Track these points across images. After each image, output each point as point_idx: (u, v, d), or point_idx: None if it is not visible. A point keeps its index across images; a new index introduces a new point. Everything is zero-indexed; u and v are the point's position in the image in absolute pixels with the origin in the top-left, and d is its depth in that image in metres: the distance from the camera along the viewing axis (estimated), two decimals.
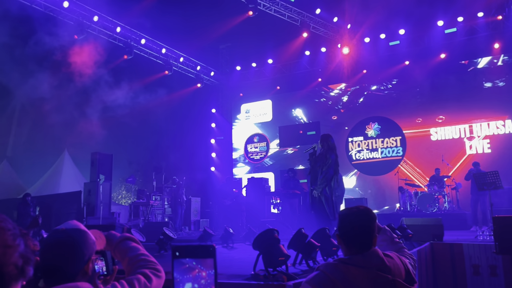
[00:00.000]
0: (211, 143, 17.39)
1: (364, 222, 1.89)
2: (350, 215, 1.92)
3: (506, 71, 12.67)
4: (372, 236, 1.89)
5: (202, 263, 1.08)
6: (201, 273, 1.07)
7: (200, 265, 1.08)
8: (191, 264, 1.08)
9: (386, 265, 1.80)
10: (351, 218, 1.91)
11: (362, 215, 1.91)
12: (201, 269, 1.07)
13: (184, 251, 1.10)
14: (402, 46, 13.83)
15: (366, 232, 1.87)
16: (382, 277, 1.75)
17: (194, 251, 1.09)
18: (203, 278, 1.07)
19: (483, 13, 12.60)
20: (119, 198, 18.20)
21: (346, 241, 1.89)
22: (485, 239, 6.63)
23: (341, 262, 1.81)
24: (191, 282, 1.06)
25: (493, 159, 12.00)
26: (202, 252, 1.09)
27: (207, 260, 1.08)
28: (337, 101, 15.38)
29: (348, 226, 1.89)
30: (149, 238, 6.85)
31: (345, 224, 1.91)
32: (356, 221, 1.89)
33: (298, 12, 13.75)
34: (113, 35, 13.51)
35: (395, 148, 13.94)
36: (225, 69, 17.36)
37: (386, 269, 1.79)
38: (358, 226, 1.88)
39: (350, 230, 1.88)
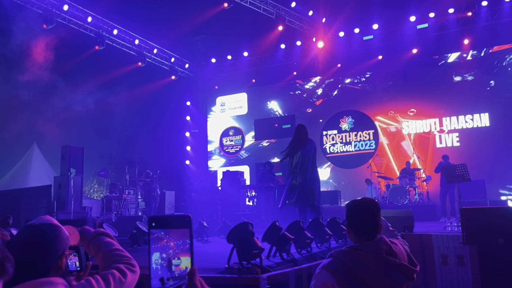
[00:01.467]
0: (185, 136, 17.23)
1: (371, 212, 2.07)
2: (359, 206, 2.10)
3: (474, 66, 13.05)
4: (378, 225, 2.07)
5: (172, 233, 1.10)
6: (169, 243, 1.09)
7: (168, 235, 1.09)
8: (160, 234, 1.10)
9: (393, 250, 1.98)
10: (360, 209, 2.09)
11: (369, 206, 2.09)
12: (169, 239, 1.09)
13: (160, 221, 1.12)
14: (376, 41, 14.03)
15: (373, 221, 2.05)
16: (390, 261, 1.94)
17: (169, 222, 1.11)
18: (171, 248, 1.09)
19: (453, 9, 12.90)
20: (91, 192, 17.84)
21: (355, 229, 2.06)
22: (453, 230, 6.83)
23: (353, 248, 1.98)
24: (159, 252, 1.08)
25: (461, 152, 12.36)
26: (177, 222, 1.11)
27: (179, 230, 1.10)
28: (311, 94, 15.50)
29: (357, 216, 2.07)
30: (122, 232, 6.75)
31: (354, 215, 2.08)
32: (364, 212, 2.07)
33: (273, 5, 13.73)
34: (84, 25, 13.14)
35: (368, 142, 14.18)
36: (200, 61, 17.19)
37: (393, 254, 1.98)
38: (366, 216, 2.06)
39: (359, 220, 2.06)
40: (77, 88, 13.45)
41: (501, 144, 11.43)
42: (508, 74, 12.57)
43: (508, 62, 12.65)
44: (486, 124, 12.65)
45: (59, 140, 13.06)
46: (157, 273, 1.08)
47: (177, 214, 1.13)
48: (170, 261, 1.08)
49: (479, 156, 11.99)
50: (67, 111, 13.12)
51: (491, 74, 12.77)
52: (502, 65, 12.70)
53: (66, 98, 12.63)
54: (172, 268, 1.08)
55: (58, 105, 12.64)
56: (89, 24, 13.18)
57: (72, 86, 13.20)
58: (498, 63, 12.76)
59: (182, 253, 1.09)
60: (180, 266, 1.08)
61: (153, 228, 1.11)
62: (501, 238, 4.92)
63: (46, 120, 13.30)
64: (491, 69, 12.79)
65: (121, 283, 1.51)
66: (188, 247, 1.09)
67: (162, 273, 1.08)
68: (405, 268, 1.96)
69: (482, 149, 12.26)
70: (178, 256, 1.09)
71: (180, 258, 1.09)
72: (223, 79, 16.81)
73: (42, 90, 12.70)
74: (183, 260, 1.09)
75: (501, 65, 12.71)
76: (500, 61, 12.74)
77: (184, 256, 1.09)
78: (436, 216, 10.19)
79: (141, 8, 12.58)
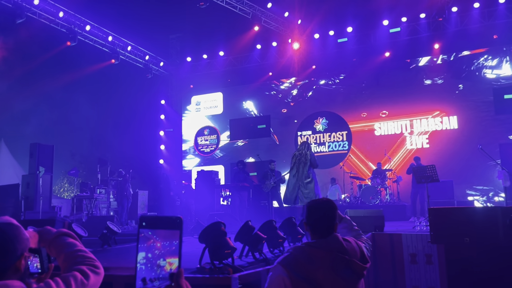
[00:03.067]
0: (159, 135, 17.04)
1: (327, 211, 2.22)
2: (316, 206, 2.25)
3: (444, 70, 13.44)
4: (333, 224, 2.21)
5: (161, 233, 1.09)
6: (155, 244, 1.08)
7: (156, 236, 1.09)
8: (147, 234, 1.09)
9: (344, 247, 2.11)
10: (317, 208, 2.23)
11: (325, 205, 2.25)
12: (156, 239, 1.09)
13: (150, 221, 1.11)
14: (350, 43, 14.25)
15: (328, 220, 2.20)
16: (340, 257, 2.07)
17: (160, 222, 1.11)
18: (157, 248, 1.08)
19: (425, 14, 13.24)
20: (61, 191, 17.41)
21: (312, 227, 2.21)
22: (422, 229, 7.01)
23: (307, 245, 2.12)
24: (145, 252, 1.08)
25: (431, 153, 12.70)
26: (168, 223, 1.10)
27: (169, 232, 1.09)
28: (287, 94, 15.61)
29: (314, 215, 2.21)
30: (93, 232, 6.60)
31: (311, 213, 2.23)
32: (320, 211, 2.21)
33: (249, 5, 13.74)
34: (56, 19, 12.79)
35: (341, 142, 14.38)
36: (175, 60, 17.02)
37: (344, 250, 2.10)
38: (322, 215, 2.20)
39: (316, 218, 2.20)
40: (48, 85, 13.11)
41: (469, 146, 11.81)
42: (476, 79, 13.00)
43: (476, 67, 13.08)
44: (454, 126, 13.03)
45: (28, 138, 12.69)
46: (141, 273, 1.07)
47: (168, 216, 1.13)
48: (155, 262, 1.08)
49: (447, 157, 12.35)
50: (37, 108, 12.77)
51: (460, 78, 13.18)
52: (470, 69, 13.13)
53: (36, 94, 12.29)
54: (156, 269, 1.07)
55: (27, 101, 12.27)
56: (61, 19, 12.85)
57: (43, 82, 12.86)
58: (466, 68, 13.18)
59: (168, 254, 1.08)
60: (165, 267, 1.08)
61: (142, 228, 1.10)
62: (467, 237, 5.06)
63: (15, 117, 12.90)
64: (460, 73, 13.21)
65: (83, 285, 1.47)
66: (174, 248, 1.08)
67: (145, 273, 1.07)
68: (355, 264, 2.08)
69: (450, 151, 12.63)
70: (164, 258, 1.08)
71: (165, 259, 1.08)
72: (199, 78, 16.72)
73: (11, 86, 12.32)
74: (168, 262, 1.08)
75: (469, 70, 13.13)
76: (468, 66, 13.17)
77: (170, 257, 1.08)
78: (406, 216, 10.44)
79: (115, 5, 12.34)
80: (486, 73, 12.93)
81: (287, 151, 15.03)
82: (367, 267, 2.14)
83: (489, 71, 12.91)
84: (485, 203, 12.15)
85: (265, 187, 10.26)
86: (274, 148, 15.23)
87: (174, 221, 1.10)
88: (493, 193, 12.16)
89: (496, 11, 12.61)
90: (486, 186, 12.23)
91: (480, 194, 12.32)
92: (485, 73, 12.95)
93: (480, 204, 12.17)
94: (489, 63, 12.94)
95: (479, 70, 13.01)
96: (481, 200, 12.26)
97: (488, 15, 12.78)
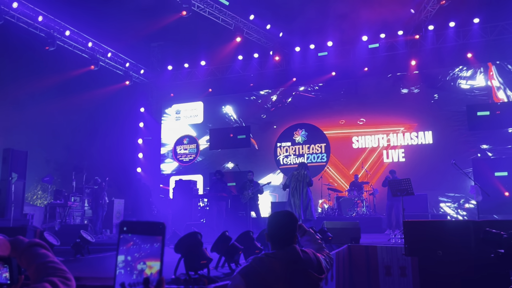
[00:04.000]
0: (138, 143, 16.84)
1: (287, 224, 2.29)
2: (276, 218, 2.33)
3: (420, 80, 13.78)
4: (292, 235, 2.28)
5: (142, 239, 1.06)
6: (135, 246, 1.05)
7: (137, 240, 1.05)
8: (127, 236, 1.06)
9: (301, 258, 2.19)
10: (277, 220, 2.31)
11: (285, 218, 2.31)
12: (136, 242, 1.05)
13: (131, 226, 1.08)
14: (330, 57, 14.49)
15: (287, 232, 2.27)
16: (297, 268, 2.15)
17: (141, 228, 1.07)
18: (137, 251, 1.05)
19: (402, 31, 13.60)
20: (34, 198, 16.95)
21: (271, 238, 2.28)
22: (396, 242, 7.12)
23: (266, 255, 2.20)
24: (124, 255, 1.05)
25: (406, 167, 12.96)
26: (150, 229, 1.06)
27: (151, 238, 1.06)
28: (266, 100, 15.73)
29: (274, 227, 2.28)
30: (65, 241, 6.45)
31: (272, 225, 2.30)
32: (280, 223, 2.29)
33: (232, 17, 13.84)
34: (34, 24, 12.59)
35: (320, 155, 14.53)
36: (156, 67, 16.93)
37: (300, 261, 2.18)
38: (281, 226, 2.27)
39: (275, 230, 2.28)
40: (25, 90, 12.84)
41: (443, 161, 12.10)
42: (451, 89, 13.40)
43: (451, 77, 13.50)
44: (429, 141, 13.35)
45: (2, 143, 12.35)
46: (120, 277, 1.03)
47: (150, 221, 1.09)
48: (135, 266, 1.04)
49: (422, 171, 12.62)
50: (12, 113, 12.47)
51: (435, 88, 13.56)
52: (445, 79, 13.53)
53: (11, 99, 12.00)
54: (136, 273, 1.03)
55: (2, 106, 11.98)
56: (40, 23, 12.65)
57: (19, 87, 12.59)
58: (441, 78, 13.58)
59: (148, 257, 1.04)
60: (145, 271, 1.03)
61: (123, 233, 1.07)
62: (439, 250, 5.16)
63: None
64: (435, 83, 13.60)
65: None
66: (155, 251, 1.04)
67: (124, 277, 1.03)
68: (311, 275, 2.18)
69: (425, 165, 12.92)
70: (144, 261, 1.04)
71: (146, 262, 1.04)
72: (179, 87, 16.66)
73: None
74: (149, 265, 1.04)
75: (444, 80, 13.54)
76: (444, 76, 13.57)
77: (150, 260, 1.04)
78: (382, 228, 10.58)
79: (96, 11, 12.23)
80: (461, 84, 13.36)
81: (266, 157, 15.10)
82: (322, 278, 2.24)
83: (464, 82, 13.34)
84: (456, 209, 12.48)
85: (243, 198, 10.26)
86: (254, 155, 15.26)
87: (156, 227, 1.06)
88: (464, 200, 12.51)
89: (471, 31, 13.07)
90: (458, 193, 12.55)
91: (451, 201, 12.65)
92: (459, 83, 13.37)
93: (452, 210, 12.50)
94: (463, 74, 13.38)
95: (454, 80, 13.43)
96: (452, 207, 12.58)
97: (463, 34, 13.23)
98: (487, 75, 13.10)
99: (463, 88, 13.30)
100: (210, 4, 13.29)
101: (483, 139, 12.81)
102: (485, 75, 13.12)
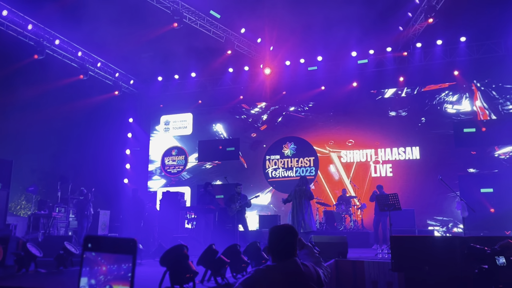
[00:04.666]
0: (126, 154, 16.69)
1: (288, 237, 2.37)
2: (277, 231, 2.41)
3: (408, 103, 13.97)
4: (293, 248, 2.35)
5: (109, 257, 0.94)
6: (101, 267, 0.94)
7: (103, 259, 0.94)
8: (91, 255, 0.95)
9: (301, 271, 2.26)
10: (278, 234, 2.39)
11: (286, 231, 2.40)
12: (102, 262, 0.94)
13: (98, 243, 0.95)
14: (320, 72, 14.63)
15: (288, 245, 2.34)
16: (297, 280, 2.21)
17: (109, 245, 0.95)
18: (103, 273, 0.93)
19: (391, 48, 13.82)
20: (17, 208, 16.62)
21: (273, 251, 2.35)
22: (384, 257, 7.11)
23: (268, 267, 2.27)
24: (87, 277, 0.93)
25: (394, 182, 13.04)
26: (119, 246, 0.95)
27: (119, 256, 0.94)
28: (257, 119, 15.74)
29: (275, 240, 2.36)
30: (49, 253, 6.31)
31: (273, 238, 2.38)
32: (281, 236, 2.36)
33: (223, 29, 13.92)
34: (24, 32, 12.51)
35: (309, 168, 14.55)
36: (146, 78, 16.88)
37: (301, 274, 2.25)
38: (282, 240, 2.35)
39: (277, 243, 2.35)
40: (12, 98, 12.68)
41: (430, 177, 12.20)
42: (437, 113, 13.58)
43: (437, 102, 13.68)
44: (417, 157, 13.47)
45: None
46: None
47: (120, 237, 0.97)
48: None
49: (410, 187, 12.71)
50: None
51: (423, 112, 13.73)
52: (432, 103, 13.71)
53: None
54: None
55: None
56: (29, 32, 12.58)
57: (6, 95, 12.43)
58: (429, 102, 13.76)
59: (116, 280, 0.93)
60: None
61: (88, 250, 0.95)
62: (426, 266, 5.17)
63: None
64: (423, 107, 13.76)
65: None
66: (124, 273, 0.93)
67: None
68: (309, 287, 2.24)
69: (412, 180, 13.02)
70: (110, 284, 0.93)
71: (112, 286, 0.93)
72: (169, 98, 16.62)
73: None
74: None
75: (431, 104, 13.72)
76: (431, 100, 13.76)
77: (118, 284, 0.93)
78: (369, 243, 10.58)
79: (87, 20, 12.18)
80: (447, 108, 13.55)
81: (255, 174, 15.06)
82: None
83: (450, 106, 13.53)
84: (444, 233, 12.50)
85: (231, 211, 10.19)
86: (242, 172, 15.21)
87: (126, 244, 0.95)
88: (452, 224, 12.57)
89: (458, 49, 13.33)
90: (446, 217, 12.62)
91: (440, 224, 12.69)
92: (446, 107, 13.56)
93: (440, 234, 12.51)
94: (450, 99, 13.58)
95: (441, 104, 13.61)
96: (440, 231, 12.63)
97: (450, 52, 13.48)
98: (473, 100, 13.33)
99: (450, 112, 13.50)
100: (202, 16, 13.37)
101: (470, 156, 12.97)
102: (471, 100, 13.35)
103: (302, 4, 11.53)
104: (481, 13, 10.90)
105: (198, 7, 12.95)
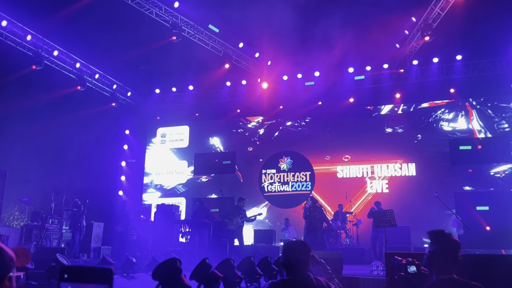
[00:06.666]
0: (121, 166, 16.62)
1: (301, 253, 2.45)
2: (291, 246, 2.50)
3: (404, 120, 14.03)
4: (306, 263, 2.43)
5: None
6: None
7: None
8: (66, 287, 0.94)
9: (314, 285, 2.35)
10: (292, 249, 2.47)
11: (299, 246, 2.49)
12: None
13: (74, 273, 0.95)
14: (317, 87, 14.71)
15: (302, 260, 2.42)
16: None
17: (86, 275, 0.95)
18: None
19: (388, 65, 13.94)
20: (10, 219, 16.45)
21: (286, 266, 2.43)
22: (379, 273, 7.05)
23: (283, 281, 2.38)
24: None
25: (390, 198, 13.01)
26: (95, 276, 0.95)
27: (94, 286, 0.94)
28: (253, 133, 15.75)
29: (290, 255, 2.45)
30: (40, 265, 6.22)
31: (287, 254, 2.47)
32: (295, 251, 2.45)
33: (221, 44, 14.02)
34: (23, 42, 12.55)
35: (305, 183, 14.52)
36: (144, 90, 16.92)
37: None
38: (296, 254, 2.43)
39: (290, 257, 2.43)
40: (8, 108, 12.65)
41: (426, 194, 12.19)
42: (433, 130, 13.65)
43: (433, 119, 13.76)
44: (413, 173, 13.48)
45: None
46: None
47: (96, 266, 0.98)
48: None
49: (405, 203, 12.68)
50: None
51: (419, 129, 13.80)
52: (428, 121, 13.79)
53: None
54: None
55: None
56: (28, 42, 12.62)
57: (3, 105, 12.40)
58: (425, 119, 13.84)
59: None
60: None
61: (64, 281, 0.95)
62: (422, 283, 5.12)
63: None
64: (419, 124, 13.83)
65: None
66: None
67: None
68: None
69: (408, 197, 13.00)
70: None
71: None
72: (166, 111, 16.63)
73: None
74: None
75: (427, 121, 13.80)
76: (427, 118, 13.84)
77: None
78: (364, 259, 10.49)
79: (85, 32, 12.24)
80: (443, 126, 13.62)
81: (251, 188, 15.00)
82: None
83: (446, 124, 13.61)
84: None
85: (232, 224, 10.09)
86: (238, 186, 15.15)
87: (103, 273, 0.95)
88: None
89: (453, 67, 13.46)
90: None
91: None
92: (442, 125, 13.63)
93: None
94: (446, 116, 13.67)
95: (437, 122, 13.69)
96: None
97: (446, 70, 13.61)
98: (468, 119, 13.42)
99: (446, 130, 13.57)
100: (201, 30, 13.47)
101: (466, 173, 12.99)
102: (466, 118, 13.44)
103: (300, 20, 11.66)
104: (476, 32, 11.04)
105: (197, 21, 13.06)
